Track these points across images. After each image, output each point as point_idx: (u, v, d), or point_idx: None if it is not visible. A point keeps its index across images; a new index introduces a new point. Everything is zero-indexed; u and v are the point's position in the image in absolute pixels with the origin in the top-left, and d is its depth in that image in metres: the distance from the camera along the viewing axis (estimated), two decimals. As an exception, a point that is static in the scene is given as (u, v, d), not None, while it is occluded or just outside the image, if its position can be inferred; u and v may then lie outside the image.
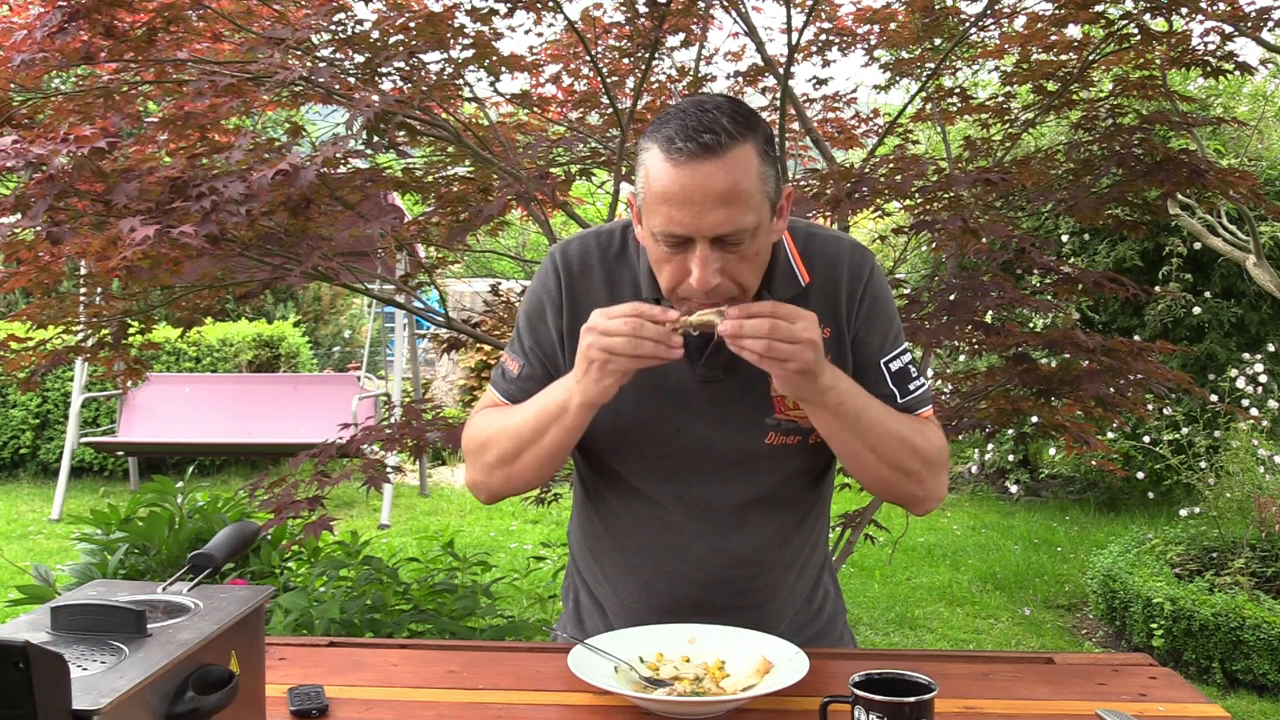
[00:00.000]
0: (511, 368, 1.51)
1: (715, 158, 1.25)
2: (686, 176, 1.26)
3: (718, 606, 1.49)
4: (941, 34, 3.52)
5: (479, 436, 1.49)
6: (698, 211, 1.26)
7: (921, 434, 1.44)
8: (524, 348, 1.51)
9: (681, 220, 1.27)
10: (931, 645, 4.52)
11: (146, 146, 3.09)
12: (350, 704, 1.30)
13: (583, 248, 1.50)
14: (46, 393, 7.95)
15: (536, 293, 1.51)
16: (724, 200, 1.26)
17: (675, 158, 1.26)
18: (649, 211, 1.31)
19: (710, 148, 1.25)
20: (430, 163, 3.55)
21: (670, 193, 1.27)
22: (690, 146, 1.25)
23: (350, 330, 12.16)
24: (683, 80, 4.11)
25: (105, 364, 3.34)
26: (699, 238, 1.27)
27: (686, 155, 1.26)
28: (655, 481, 1.47)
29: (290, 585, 3.34)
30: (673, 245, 1.30)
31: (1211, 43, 3.18)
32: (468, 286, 9.95)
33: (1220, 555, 4.58)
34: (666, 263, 1.32)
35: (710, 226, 1.26)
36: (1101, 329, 6.75)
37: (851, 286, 1.46)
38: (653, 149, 1.30)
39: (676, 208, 1.27)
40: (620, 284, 1.47)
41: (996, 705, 1.32)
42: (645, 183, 1.31)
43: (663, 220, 1.28)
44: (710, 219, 1.26)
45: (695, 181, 1.25)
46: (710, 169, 1.25)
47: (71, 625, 1.01)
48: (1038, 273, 3.48)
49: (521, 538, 6.35)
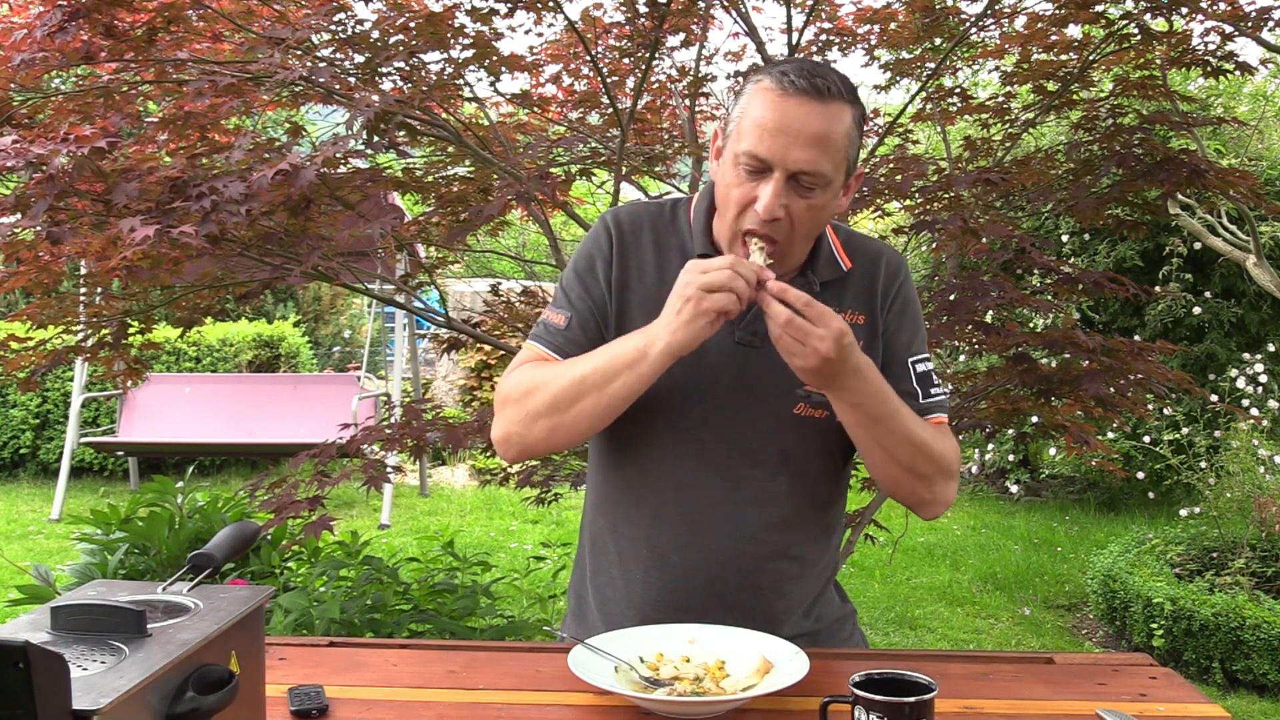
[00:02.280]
0: (558, 320, 1.49)
1: (820, 101, 1.33)
2: (792, 107, 1.33)
3: (726, 588, 1.48)
4: (941, 34, 3.52)
5: (524, 384, 1.44)
6: (788, 142, 1.33)
7: (938, 440, 1.47)
8: (571, 300, 1.50)
9: (770, 146, 1.33)
10: (931, 645, 4.52)
11: (146, 146, 3.09)
12: (350, 704, 1.30)
13: (633, 212, 1.55)
14: (46, 393, 7.95)
15: (587, 249, 1.53)
16: (815, 141, 1.33)
17: (786, 88, 1.33)
18: (740, 135, 1.36)
19: (820, 90, 1.34)
20: (430, 163, 3.55)
21: (769, 118, 1.34)
22: (802, 83, 1.33)
23: (350, 330, 12.16)
24: (683, 80, 4.10)
25: (105, 364, 3.34)
26: (779, 167, 1.34)
27: (796, 90, 1.33)
28: (682, 442, 1.47)
29: (290, 585, 3.34)
30: (751, 170, 1.36)
31: (1211, 43, 3.18)
32: (468, 286, 9.94)
33: (1220, 555, 4.58)
34: (738, 186, 1.37)
35: (795, 160, 1.33)
36: (1101, 329, 6.75)
37: (888, 281, 1.53)
38: (764, 80, 1.37)
39: (770, 133, 1.33)
40: (668, 249, 1.50)
41: (996, 705, 1.32)
42: (743, 109, 1.37)
43: (752, 141, 1.34)
44: (797, 154, 1.33)
45: (798, 114, 1.33)
46: (813, 108, 1.33)
47: (71, 625, 1.01)
48: (1038, 273, 3.48)
49: (521, 538, 6.35)
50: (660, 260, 1.50)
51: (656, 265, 1.50)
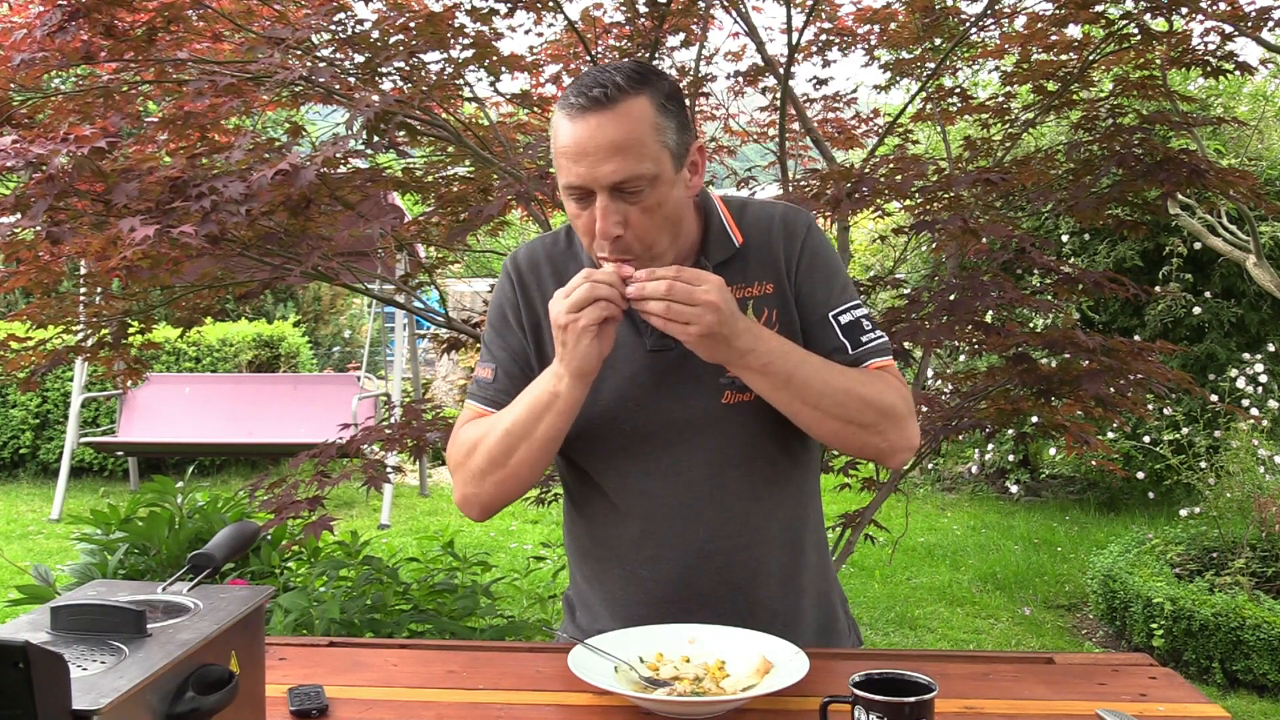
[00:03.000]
0: (486, 374, 1.53)
1: (605, 110, 1.32)
2: (580, 129, 1.33)
3: (701, 589, 1.47)
4: (941, 34, 3.52)
5: (464, 446, 1.49)
6: (592, 161, 1.33)
7: (872, 385, 1.42)
8: (493, 353, 1.54)
9: (578, 171, 1.34)
10: (931, 645, 4.52)
11: (146, 146, 3.09)
12: (350, 704, 1.30)
13: (530, 251, 1.57)
14: (46, 393, 7.95)
15: (497, 300, 1.56)
16: (616, 149, 1.32)
17: (570, 113, 1.34)
18: (558, 171, 1.37)
19: (600, 100, 1.33)
20: (430, 163, 3.55)
21: (567, 146, 1.34)
22: (582, 101, 1.33)
23: (350, 330, 12.16)
24: (683, 80, 4.10)
25: (105, 364, 3.34)
26: (596, 188, 1.34)
27: (579, 109, 1.33)
28: (625, 460, 1.48)
29: (290, 585, 3.34)
30: (578, 199, 1.36)
31: (1211, 43, 3.18)
32: (468, 286, 9.95)
33: (1220, 555, 4.58)
34: (578, 219, 1.39)
35: (605, 175, 1.32)
36: (1101, 329, 6.75)
37: (789, 243, 1.49)
38: (557, 109, 1.38)
39: (573, 160, 1.34)
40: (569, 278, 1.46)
41: (996, 705, 1.32)
42: (552, 144, 1.38)
43: (565, 175, 1.36)
44: (604, 168, 1.32)
45: (588, 132, 1.32)
46: (600, 120, 1.32)
47: (71, 625, 1.01)
48: (1038, 273, 3.48)
49: (521, 538, 6.35)
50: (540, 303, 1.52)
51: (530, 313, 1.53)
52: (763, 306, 1.47)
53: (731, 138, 4.81)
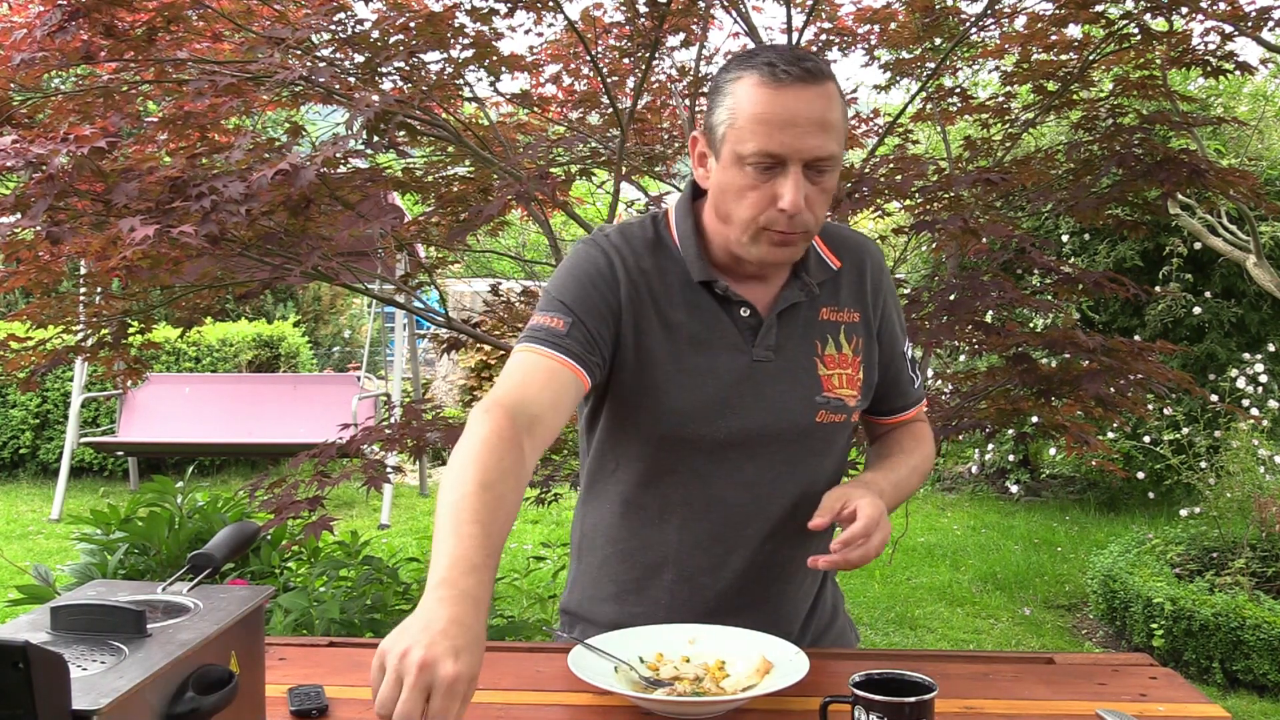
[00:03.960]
0: (556, 325, 1.37)
1: (816, 84, 1.30)
2: (791, 98, 1.29)
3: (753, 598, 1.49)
4: (941, 34, 3.52)
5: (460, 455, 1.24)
6: (799, 133, 1.29)
7: (924, 445, 1.56)
8: (571, 310, 1.39)
9: (782, 140, 1.29)
10: (931, 645, 4.52)
11: (146, 146, 3.09)
12: (350, 704, 1.30)
13: (625, 235, 1.46)
14: (46, 393, 7.95)
15: (585, 268, 1.42)
16: (822, 126, 1.30)
17: (780, 80, 1.29)
18: (741, 137, 1.31)
19: (813, 74, 1.30)
20: (430, 163, 3.55)
21: (772, 113, 1.29)
22: (795, 70, 1.29)
23: (350, 330, 12.16)
24: (683, 80, 4.10)
25: (105, 364, 3.34)
26: (795, 160, 1.30)
27: (791, 79, 1.29)
28: (710, 464, 1.44)
29: (290, 585, 3.34)
30: (764, 169, 1.31)
31: (1211, 42, 3.18)
32: (468, 286, 9.95)
33: (1220, 555, 4.58)
34: (752, 190, 1.33)
35: (809, 149, 1.30)
36: (1102, 329, 6.75)
37: (875, 276, 1.52)
38: (747, 76, 1.32)
39: (778, 128, 1.29)
40: (666, 271, 1.45)
41: (996, 705, 1.32)
42: (734, 110, 1.32)
43: (761, 141, 1.30)
44: (810, 141, 1.30)
45: (800, 103, 1.29)
46: (812, 94, 1.30)
47: (71, 625, 1.01)
48: (1038, 273, 3.48)
49: (521, 538, 6.35)
50: (664, 282, 1.44)
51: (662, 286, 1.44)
52: (852, 334, 1.49)
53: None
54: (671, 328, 1.42)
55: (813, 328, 1.47)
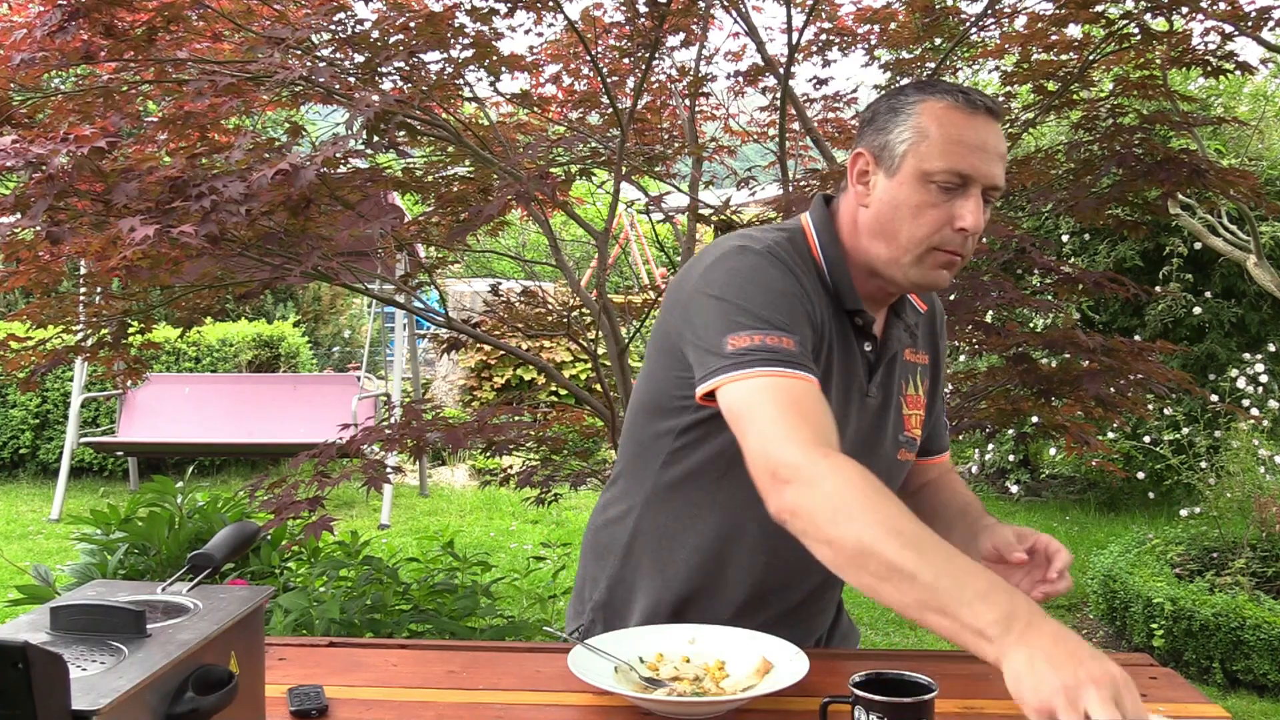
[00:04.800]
0: (785, 344, 1.30)
1: (996, 120, 1.38)
2: (983, 124, 1.36)
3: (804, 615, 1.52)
4: (942, 34, 3.52)
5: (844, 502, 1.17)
6: (986, 158, 1.35)
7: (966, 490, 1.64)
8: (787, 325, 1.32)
9: (973, 163, 1.34)
10: (932, 645, 4.52)
11: (146, 146, 3.09)
12: (350, 704, 1.30)
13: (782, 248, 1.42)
14: (46, 393, 7.95)
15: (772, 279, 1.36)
16: (1001, 157, 1.37)
17: (975, 108, 1.36)
18: (930, 155, 1.34)
19: (993, 110, 1.38)
20: (430, 163, 3.55)
21: (965, 136, 1.35)
22: (984, 102, 1.37)
23: (350, 330, 12.16)
24: (683, 80, 4.11)
25: (105, 364, 3.34)
26: (979, 183, 1.35)
27: (977, 108, 1.36)
28: None
29: (290, 585, 3.34)
30: (949, 189, 1.35)
31: (1212, 42, 3.19)
32: (468, 286, 9.95)
33: (1220, 555, 4.58)
34: (931, 208, 1.35)
35: (993, 176, 1.36)
36: (1102, 329, 6.75)
37: (941, 322, 1.61)
38: (935, 100, 1.36)
39: (971, 150, 1.34)
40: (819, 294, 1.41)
41: (996, 705, 1.32)
42: (922, 130, 1.35)
43: (953, 160, 1.34)
44: (994, 168, 1.36)
45: (990, 131, 1.36)
46: (994, 126, 1.37)
47: (71, 625, 1.01)
48: (1038, 273, 3.48)
49: (521, 538, 6.35)
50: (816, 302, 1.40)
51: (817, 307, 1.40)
52: (925, 376, 1.56)
53: (731, 138, 4.82)
54: (830, 353, 1.41)
55: (900, 368, 1.52)
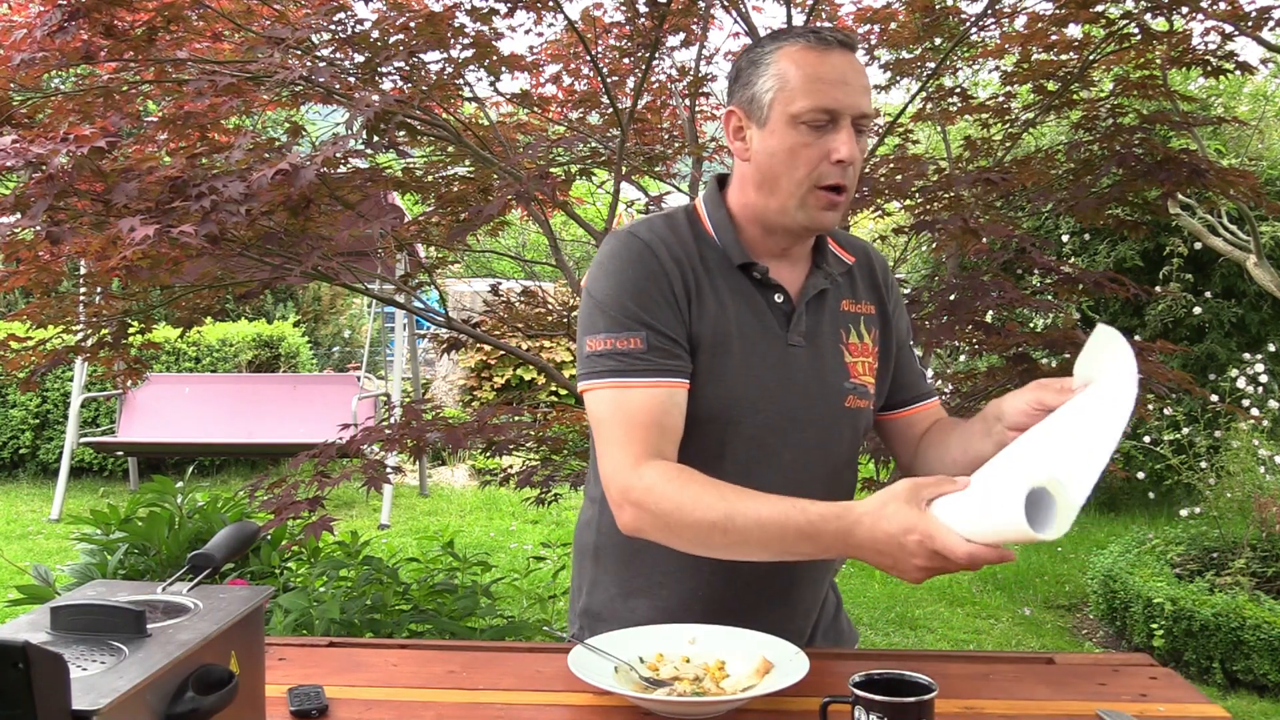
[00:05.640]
0: (633, 345, 1.38)
1: (852, 52, 1.41)
2: (838, 58, 1.38)
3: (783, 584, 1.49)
4: (942, 34, 3.52)
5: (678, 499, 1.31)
6: (850, 89, 1.38)
7: None
8: (641, 324, 1.39)
9: (836, 96, 1.37)
10: (931, 645, 4.52)
11: (146, 146, 3.09)
12: (350, 704, 1.30)
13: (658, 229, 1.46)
14: (46, 393, 7.95)
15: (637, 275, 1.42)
16: (864, 86, 1.40)
17: (826, 44, 1.39)
18: (793, 97, 1.37)
19: (847, 43, 1.41)
20: (430, 163, 3.55)
21: (824, 73, 1.37)
22: (839, 37, 1.40)
23: (350, 330, 12.16)
24: (683, 80, 4.10)
25: (105, 364, 3.34)
26: (847, 114, 1.37)
27: (832, 44, 1.39)
28: (748, 451, 1.44)
29: (290, 585, 3.34)
30: (818, 127, 1.37)
31: (1212, 42, 3.19)
32: (468, 286, 9.95)
33: (1220, 555, 4.58)
34: (804, 148, 1.38)
35: (860, 104, 1.38)
36: (1102, 329, 6.73)
37: (884, 273, 1.61)
38: (790, 45, 1.40)
39: (831, 85, 1.37)
40: (706, 258, 1.45)
41: (996, 705, 1.32)
42: (783, 75, 1.39)
43: (816, 98, 1.36)
44: (860, 98, 1.38)
45: (846, 63, 1.39)
46: (853, 58, 1.41)
47: (71, 625, 1.01)
48: (1038, 273, 3.48)
49: (521, 538, 6.35)
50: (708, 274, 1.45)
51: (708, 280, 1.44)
52: (871, 325, 1.55)
53: (731, 138, 4.81)
54: (719, 313, 1.43)
55: (837, 317, 1.52)
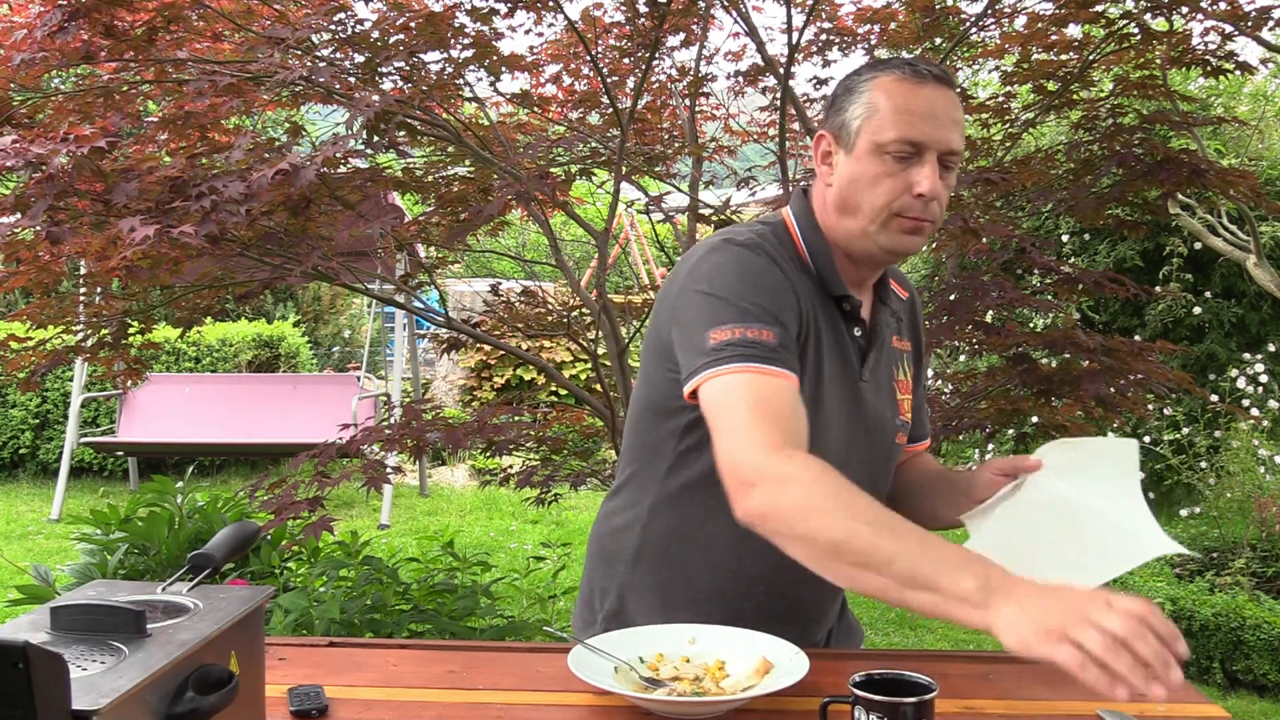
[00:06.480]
0: (764, 337, 1.32)
1: (949, 87, 1.41)
2: (931, 92, 1.39)
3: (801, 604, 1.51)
4: (942, 34, 3.52)
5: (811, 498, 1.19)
6: (939, 124, 1.38)
7: None
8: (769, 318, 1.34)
9: (923, 130, 1.37)
10: (931, 645, 4.52)
11: (146, 146, 3.10)
12: (350, 704, 1.30)
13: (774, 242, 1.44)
14: (46, 393, 7.95)
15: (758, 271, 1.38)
16: (955, 122, 1.40)
17: (921, 77, 1.39)
18: (882, 126, 1.38)
19: (946, 77, 1.41)
20: (430, 163, 3.55)
21: (914, 105, 1.38)
22: (934, 71, 1.40)
23: (350, 330, 12.16)
24: (683, 80, 4.11)
25: (105, 364, 3.34)
26: (932, 149, 1.38)
27: (925, 76, 1.39)
28: None
29: (290, 585, 3.34)
30: (903, 157, 1.38)
31: (1212, 42, 3.19)
32: (468, 286, 9.95)
33: (1220, 555, 4.58)
34: (888, 177, 1.38)
35: (946, 141, 1.39)
36: (1102, 329, 6.75)
37: (920, 312, 1.64)
38: (884, 75, 1.40)
39: (919, 118, 1.38)
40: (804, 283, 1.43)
41: (996, 705, 1.32)
42: (874, 104, 1.39)
43: (903, 129, 1.37)
44: (947, 134, 1.39)
45: (939, 98, 1.39)
46: (948, 93, 1.40)
47: (71, 625, 1.01)
48: (1038, 273, 3.48)
49: (521, 538, 6.35)
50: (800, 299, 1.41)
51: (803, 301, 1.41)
52: (910, 363, 1.59)
53: (732, 138, 4.82)
54: (822, 338, 1.42)
55: (890, 354, 1.54)
